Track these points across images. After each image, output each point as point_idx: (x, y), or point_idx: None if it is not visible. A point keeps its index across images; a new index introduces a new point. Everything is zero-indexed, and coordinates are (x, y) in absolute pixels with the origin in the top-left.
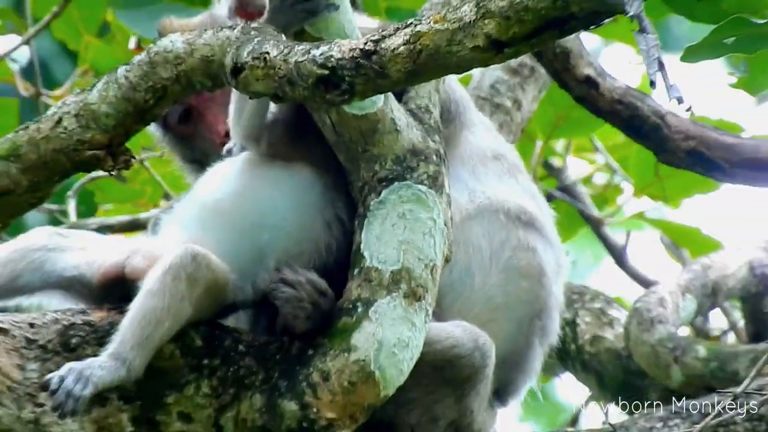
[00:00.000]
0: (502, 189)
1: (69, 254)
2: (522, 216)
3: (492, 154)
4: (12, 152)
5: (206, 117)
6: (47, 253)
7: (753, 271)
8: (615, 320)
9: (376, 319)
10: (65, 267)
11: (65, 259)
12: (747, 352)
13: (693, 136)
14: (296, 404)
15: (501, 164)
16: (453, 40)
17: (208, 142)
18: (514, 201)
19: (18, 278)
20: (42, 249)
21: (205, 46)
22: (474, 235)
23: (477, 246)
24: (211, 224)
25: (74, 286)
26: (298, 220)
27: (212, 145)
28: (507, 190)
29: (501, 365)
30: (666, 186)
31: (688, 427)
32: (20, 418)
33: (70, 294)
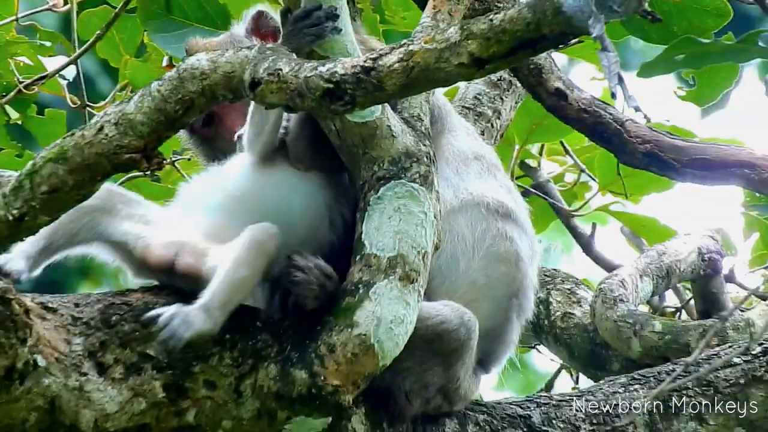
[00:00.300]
0: (482, 185)
1: (120, 219)
2: (500, 209)
3: (473, 154)
4: (60, 156)
5: (226, 121)
6: (103, 214)
7: (702, 256)
8: (582, 299)
9: (375, 299)
10: (115, 232)
11: (116, 224)
12: (697, 326)
13: (649, 140)
14: (306, 373)
15: (481, 163)
16: (441, 57)
17: (228, 143)
18: (493, 196)
19: (77, 234)
20: (100, 210)
21: (227, 64)
22: (458, 226)
23: (461, 236)
24: (234, 214)
25: (120, 248)
26: (309, 218)
27: (231, 146)
28: (487, 187)
29: (484, 338)
30: (627, 184)
31: (646, 392)
32: (66, 385)
33: (117, 253)
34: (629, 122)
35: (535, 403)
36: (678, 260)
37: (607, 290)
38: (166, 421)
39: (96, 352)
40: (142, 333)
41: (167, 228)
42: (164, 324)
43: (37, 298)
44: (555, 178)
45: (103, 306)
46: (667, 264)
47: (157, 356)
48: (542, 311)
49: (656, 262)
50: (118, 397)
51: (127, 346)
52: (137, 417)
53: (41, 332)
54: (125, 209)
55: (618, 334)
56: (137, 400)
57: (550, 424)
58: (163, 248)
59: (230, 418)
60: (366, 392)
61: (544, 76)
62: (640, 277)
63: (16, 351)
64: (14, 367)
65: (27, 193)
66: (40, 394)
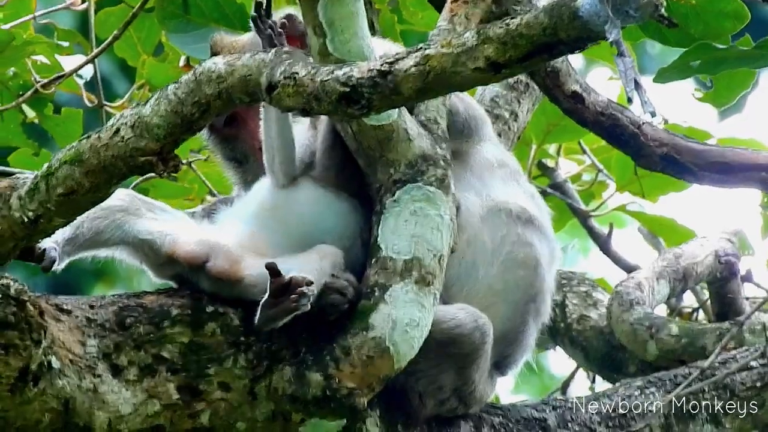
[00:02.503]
0: (505, 192)
1: (145, 220)
2: (522, 215)
3: (497, 162)
4: (76, 158)
5: (249, 123)
6: (128, 215)
7: (718, 259)
8: (599, 302)
9: (390, 301)
10: (140, 230)
11: (141, 224)
12: (713, 329)
13: (666, 143)
14: (321, 375)
15: (504, 171)
16: (457, 62)
17: (248, 145)
18: (515, 202)
19: (101, 233)
20: (124, 211)
21: (243, 67)
22: (480, 233)
23: (482, 242)
24: (268, 225)
25: (143, 248)
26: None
27: (251, 148)
28: (510, 193)
29: (501, 341)
30: (643, 184)
31: (662, 395)
32: (80, 387)
33: (137, 254)
34: (646, 125)
35: (551, 405)
36: (695, 263)
37: (624, 293)
38: (181, 422)
39: (110, 353)
40: (157, 335)
41: (199, 229)
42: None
43: (52, 300)
44: (572, 177)
45: (117, 308)
46: (684, 267)
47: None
48: (558, 313)
49: (673, 264)
50: (132, 398)
51: (142, 347)
52: (151, 419)
53: (55, 334)
54: (150, 213)
55: (634, 337)
56: (151, 402)
57: (566, 426)
58: (195, 245)
59: (245, 420)
60: (381, 394)
61: (561, 80)
62: (657, 279)
63: (31, 352)
64: (28, 368)
65: (43, 195)
66: (54, 396)
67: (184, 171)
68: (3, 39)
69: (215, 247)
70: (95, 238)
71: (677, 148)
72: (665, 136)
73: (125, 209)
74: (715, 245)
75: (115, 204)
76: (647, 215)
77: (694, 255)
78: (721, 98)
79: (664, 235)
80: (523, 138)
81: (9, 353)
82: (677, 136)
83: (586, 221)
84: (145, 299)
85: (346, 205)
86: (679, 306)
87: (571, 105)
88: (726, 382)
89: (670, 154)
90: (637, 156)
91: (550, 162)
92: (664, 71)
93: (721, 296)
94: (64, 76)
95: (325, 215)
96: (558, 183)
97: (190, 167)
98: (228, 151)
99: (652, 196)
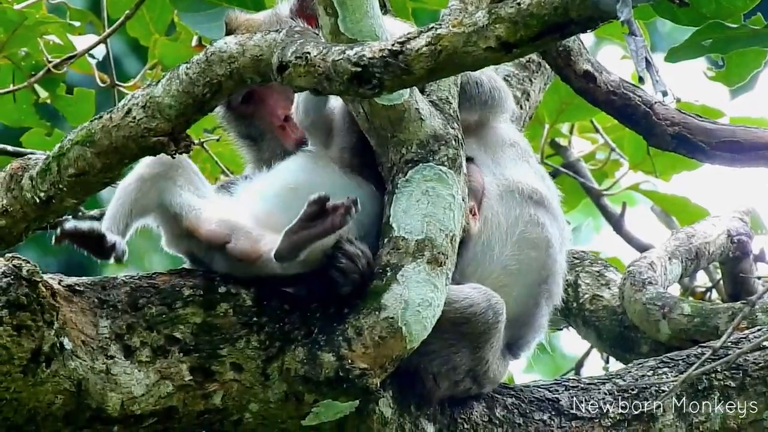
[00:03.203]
0: (517, 171)
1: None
2: (533, 195)
3: (509, 141)
4: (88, 139)
5: (267, 101)
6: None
7: (731, 238)
8: (611, 281)
9: (403, 282)
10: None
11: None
12: (726, 309)
13: (677, 122)
14: (333, 356)
15: (516, 150)
16: (469, 41)
17: (266, 123)
18: (527, 182)
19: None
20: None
21: (255, 47)
22: (494, 213)
23: (496, 222)
24: (287, 205)
25: (168, 216)
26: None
27: (269, 126)
28: (521, 173)
29: (513, 323)
30: (656, 163)
31: (674, 375)
32: (93, 368)
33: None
34: (658, 104)
35: (564, 386)
36: (707, 242)
37: (636, 273)
38: (193, 404)
39: (123, 334)
40: (169, 315)
41: (221, 206)
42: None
43: (64, 281)
44: (585, 157)
45: (129, 288)
46: (696, 246)
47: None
48: (571, 294)
49: (685, 244)
50: (145, 380)
51: (154, 328)
52: (164, 400)
53: (68, 315)
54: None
55: (647, 317)
56: (164, 383)
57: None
58: (216, 225)
59: (257, 401)
60: (394, 375)
61: (573, 59)
62: (669, 259)
63: (43, 334)
64: (41, 350)
65: (54, 175)
66: (67, 377)
67: (197, 151)
68: (15, 19)
69: (237, 228)
70: (144, 208)
71: (689, 127)
72: (677, 115)
73: (163, 174)
74: (728, 224)
75: (154, 170)
76: (660, 194)
77: (706, 234)
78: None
79: (677, 214)
80: (536, 117)
81: (21, 334)
82: (689, 115)
83: (598, 200)
84: (157, 280)
85: (363, 189)
86: (692, 286)
87: (582, 84)
88: (738, 361)
89: (681, 133)
90: (648, 135)
91: (562, 141)
92: (676, 50)
93: (733, 276)
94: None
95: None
96: (571, 162)
97: (203, 147)
98: (243, 129)
99: (664, 175)
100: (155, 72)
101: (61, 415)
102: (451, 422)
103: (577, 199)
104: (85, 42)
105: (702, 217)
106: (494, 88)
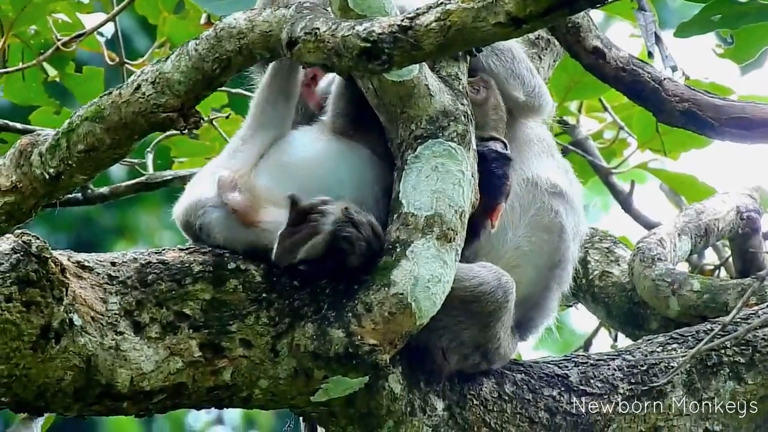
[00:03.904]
0: (540, 166)
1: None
2: (553, 189)
3: (537, 138)
4: (97, 114)
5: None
6: None
7: (740, 215)
8: (620, 258)
9: (412, 258)
10: None
11: None
12: (735, 285)
13: (687, 98)
14: (343, 332)
15: (541, 146)
16: (478, 17)
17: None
18: (548, 176)
19: None
20: None
21: (264, 23)
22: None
23: (511, 207)
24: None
25: None
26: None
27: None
28: (544, 167)
29: (523, 303)
30: (665, 141)
31: (684, 351)
32: (102, 344)
33: None
34: (667, 81)
35: (573, 362)
36: (716, 219)
37: (645, 249)
38: (203, 380)
39: (132, 311)
40: (179, 292)
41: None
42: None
43: (73, 257)
44: (594, 135)
45: (139, 265)
46: (706, 223)
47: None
48: (580, 270)
49: (694, 220)
50: (155, 356)
51: (164, 305)
52: (173, 376)
53: (77, 291)
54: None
55: (656, 293)
56: (173, 359)
57: (588, 383)
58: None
59: (267, 377)
60: (403, 351)
61: (582, 35)
62: (679, 236)
63: (52, 310)
64: (50, 326)
65: (64, 151)
66: (76, 354)
67: (206, 129)
68: None
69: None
70: None
71: (698, 104)
72: (686, 92)
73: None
74: (737, 201)
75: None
76: (669, 172)
77: (715, 211)
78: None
79: (686, 193)
80: None
81: (30, 311)
82: (698, 92)
83: (607, 179)
84: (167, 256)
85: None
86: (701, 263)
87: (592, 61)
88: (748, 337)
89: (690, 110)
90: (657, 111)
91: (571, 119)
92: (685, 26)
93: (742, 252)
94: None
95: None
96: (579, 140)
97: (212, 125)
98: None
99: (673, 154)
100: (164, 50)
101: (71, 392)
102: (461, 398)
103: (586, 177)
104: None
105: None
106: (538, 84)
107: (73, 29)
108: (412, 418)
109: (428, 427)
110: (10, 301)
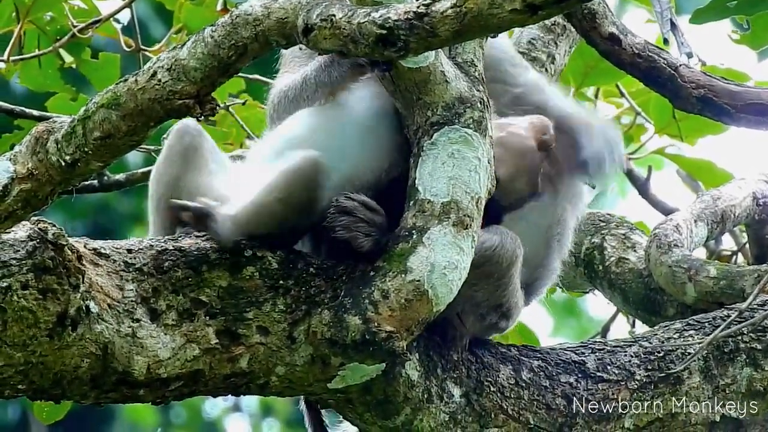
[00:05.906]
0: None
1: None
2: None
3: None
4: (113, 101)
5: None
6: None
7: (756, 201)
8: (637, 244)
9: (429, 244)
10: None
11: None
12: (752, 272)
13: (703, 85)
14: (360, 319)
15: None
16: (494, 3)
17: None
18: None
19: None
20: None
21: (280, 10)
22: None
23: None
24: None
25: None
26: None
27: None
28: None
29: (527, 263)
30: (682, 127)
31: (700, 337)
32: (119, 331)
33: None
34: (683, 67)
35: (590, 348)
36: (732, 205)
37: (662, 235)
38: (219, 367)
39: (149, 298)
40: (195, 279)
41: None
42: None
43: (90, 244)
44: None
45: (155, 252)
46: (722, 209)
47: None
48: (596, 256)
49: (711, 206)
50: (171, 343)
51: (180, 292)
52: (190, 363)
53: (93, 278)
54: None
55: (673, 279)
56: (190, 347)
57: (605, 370)
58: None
59: (283, 364)
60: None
61: (598, 21)
62: (695, 222)
63: (69, 297)
64: (66, 313)
65: (80, 138)
66: (93, 341)
67: (223, 115)
68: None
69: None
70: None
71: (714, 90)
72: (702, 78)
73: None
74: (753, 187)
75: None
76: (685, 158)
77: (732, 197)
78: (759, 39)
79: (703, 178)
80: (561, 81)
81: (47, 298)
82: (714, 78)
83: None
84: (183, 243)
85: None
86: (718, 249)
87: (608, 47)
88: (765, 324)
89: (707, 96)
90: (674, 98)
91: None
92: (701, 12)
93: (759, 238)
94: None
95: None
96: None
97: (228, 111)
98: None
99: (690, 139)
100: (180, 36)
101: (88, 379)
102: (477, 385)
103: None
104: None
105: (727, 181)
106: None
107: (89, 15)
108: (429, 405)
109: (445, 414)
110: (27, 289)
